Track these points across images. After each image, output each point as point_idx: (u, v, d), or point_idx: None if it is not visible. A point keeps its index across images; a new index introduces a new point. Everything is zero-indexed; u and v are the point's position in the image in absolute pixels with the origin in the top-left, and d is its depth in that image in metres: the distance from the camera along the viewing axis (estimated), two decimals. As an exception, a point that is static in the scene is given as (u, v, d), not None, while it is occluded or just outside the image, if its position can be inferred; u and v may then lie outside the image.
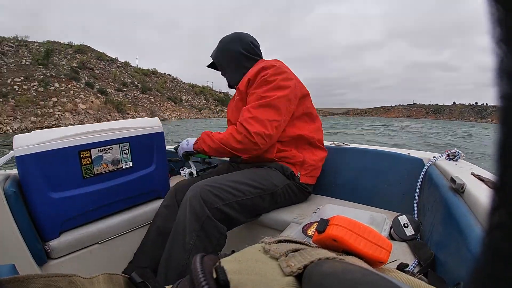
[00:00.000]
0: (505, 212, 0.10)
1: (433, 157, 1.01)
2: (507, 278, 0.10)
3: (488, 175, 0.72)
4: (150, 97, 41.37)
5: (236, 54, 1.16)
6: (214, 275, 0.24)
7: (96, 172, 1.01)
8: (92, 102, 28.40)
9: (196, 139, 1.13)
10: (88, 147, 0.98)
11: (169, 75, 60.83)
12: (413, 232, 0.78)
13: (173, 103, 46.12)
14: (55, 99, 25.96)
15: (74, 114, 25.90)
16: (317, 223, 0.34)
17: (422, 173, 0.98)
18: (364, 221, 0.65)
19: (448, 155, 0.97)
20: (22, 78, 26.69)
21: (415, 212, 0.94)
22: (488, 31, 0.09)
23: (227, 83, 1.28)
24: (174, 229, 0.92)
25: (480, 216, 0.53)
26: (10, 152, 0.94)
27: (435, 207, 0.77)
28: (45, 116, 23.58)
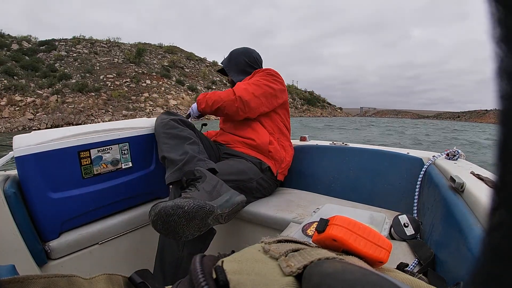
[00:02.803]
0: (505, 212, 0.10)
1: (433, 156, 1.01)
2: (507, 278, 0.10)
3: (488, 174, 0.72)
4: None
5: (241, 63, 1.41)
6: (214, 276, 0.24)
7: (95, 172, 1.01)
8: (182, 98, 28.81)
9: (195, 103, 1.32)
10: (87, 147, 0.98)
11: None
12: (413, 232, 0.78)
13: (260, 101, 45.83)
14: (146, 94, 26.67)
15: (165, 109, 26.00)
16: (317, 223, 0.34)
17: (422, 172, 0.98)
18: (364, 221, 0.65)
19: (447, 155, 0.97)
20: (115, 74, 27.59)
21: (415, 211, 0.94)
22: (488, 31, 0.09)
23: (231, 85, 1.46)
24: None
25: (480, 216, 0.53)
26: (10, 152, 0.94)
27: (435, 206, 0.77)
28: (137, 110, 24.09)
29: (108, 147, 1.04)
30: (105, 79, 26.70)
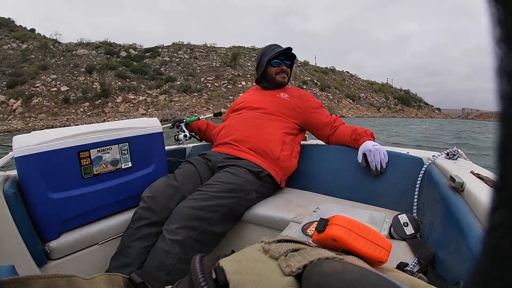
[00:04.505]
0: (505, 212, 0.10)
1: (433, 156, 1.01)
2: (507, 278, 0.10)
3: (488, 173, 0.72)
4: (329, 94, 42.44)
5: None
6: (214, 276, 0.24)
7: (95, 173, 1.01)
8: None
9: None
10: (87, 147, 0.98)
11: (347, 72, 58.27)
12: (413, 231, 0.78)
13: (351, 100, 45.62)
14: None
15: None
16: (316, 223, 0.34)
17: (422, 171, 0.98)
18: (364, 220, 0.65)
19: (447, 154, 0.97)
20: (214, 77, 31.98)
21: (415, 210, 0.94)
22: (488, 31, 0.09)
23: (288, 79, 1.44)
24: (155, 248, 0.91)
25: (479, 215, 0.53)
26: (10, 153, 0.94)
27: (434, 206, 0.77)
28: None
29: (107, 147, 1.04)
30: (205, 81, 31.09)
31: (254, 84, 1.56)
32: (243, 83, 31.78)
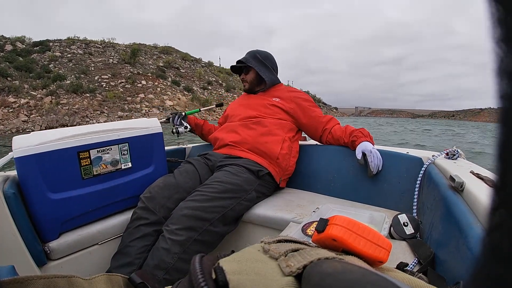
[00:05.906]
0: (506, 212, 0.10)
1: (432, 155, 1.01)
2: (507, 278, 0.10)
3: (487, 173, 0.72)
4: (234, 95, 40.95)
5: (275, 66, 1.48)
6: (213, 276, 0.24)
7: (95, 173, 1.01)
8: (179, 99, 28.90)
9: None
10: (87, 147, 0.98)
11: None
12: (413, 231, 0.78)
13: (256, 102, 45.45)
14: (142, 95, 26.75)
15: (161, 110, 26.05)
16: (316, 223, 0.34)
17: (422, 171, 0.98)
18: (364, 220, 0.65)
19: (447, 154, 0.97)
20: (110, 75, 27.82)
21: (415, 210, 0.94)
22: (488, 31, 0.09)
23: (249, 85, 1.47)
24: (155, 248, 0.91)
25: (479, 215, 0.53)
26: (9, 153, 0.94)
27: (434, 206, 0.77)
28: (132, 111, 23.95)
29: (107, 147, 1.04)
30: (100, 79, 26.66)
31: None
32: (143, 82, 28.23)
